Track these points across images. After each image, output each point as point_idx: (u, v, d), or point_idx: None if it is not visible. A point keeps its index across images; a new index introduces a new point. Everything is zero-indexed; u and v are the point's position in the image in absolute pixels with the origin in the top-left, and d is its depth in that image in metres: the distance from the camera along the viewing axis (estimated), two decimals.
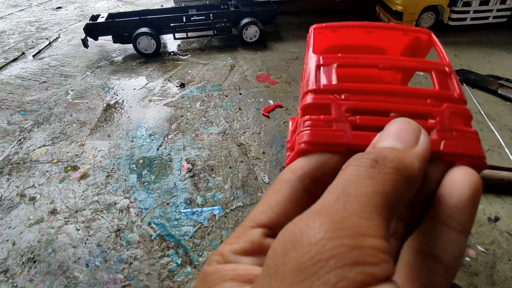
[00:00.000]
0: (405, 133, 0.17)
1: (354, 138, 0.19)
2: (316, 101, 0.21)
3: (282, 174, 0.19)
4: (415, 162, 0.15)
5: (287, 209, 0.17)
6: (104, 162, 0.98)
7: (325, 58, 0.23)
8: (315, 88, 0.21)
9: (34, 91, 1.37)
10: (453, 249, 0.16)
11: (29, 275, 0.70)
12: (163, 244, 0.75)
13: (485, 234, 0.75)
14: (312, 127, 0.19)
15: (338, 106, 0.20)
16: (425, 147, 0.16)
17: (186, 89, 1.33)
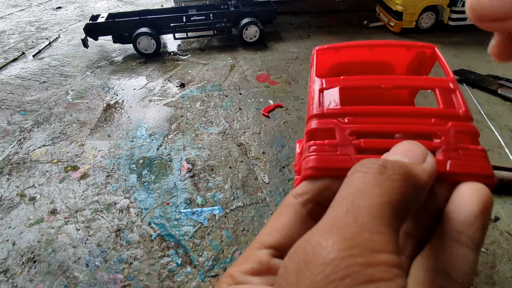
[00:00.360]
0: (412, 152, 0.17)
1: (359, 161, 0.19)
2: (320, 126, 0.21)
3: (286, 199, 0.19)
4: (423, 175, 0.15)
5: (292, 231, 0.18)
6: (104, 162, 0.98)
7: (328, 82, 0.23)
8: (318, 113, 0.22)
9: (34, 91, 1.37)
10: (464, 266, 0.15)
11: (29, 275, 0.70)
12: (163, 244, 0.75)
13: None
14: (317, 152, 0.20)
15: (341, 130, 0.20)
16: (432, 165, 0.16)
17: (186, 89, 1.33)
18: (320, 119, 0.21)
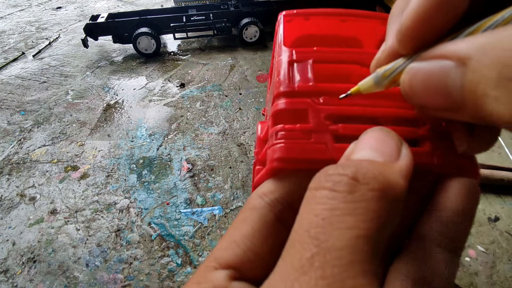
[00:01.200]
0: (385, 144, 0.14)
1: (336, 152, 0.16)
2: (290, 106, 0.18)
3: (250, 200, 0.16)
4: (400, 180, 0.13)
5: (255, 243, 0.15)
6: (104, 162, 0.98)
7: (299, 53, 0.20)
8: (288, 90, 0.18)
9: (34, 91, 1.37)
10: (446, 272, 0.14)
11: (29, 275, 0.70)
12: (163, 244, 0.75)
13: (485, 234, 0.75)
14: (287, 139, 0.17)
15: (316, 112, 0.17)
16: (408, 161, 0.14)
17: (186, 89, 1.33)
18: (290, 97, 0.18)
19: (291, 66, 0.20)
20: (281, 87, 0.19)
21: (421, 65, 0.13)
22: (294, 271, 0.11)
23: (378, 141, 0.14)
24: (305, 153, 0.16)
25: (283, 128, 0.17)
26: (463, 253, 0.72)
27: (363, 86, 0.16)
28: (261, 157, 0.19)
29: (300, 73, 0.19)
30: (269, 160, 0.17)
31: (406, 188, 0.13)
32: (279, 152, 0.16)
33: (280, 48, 0.21)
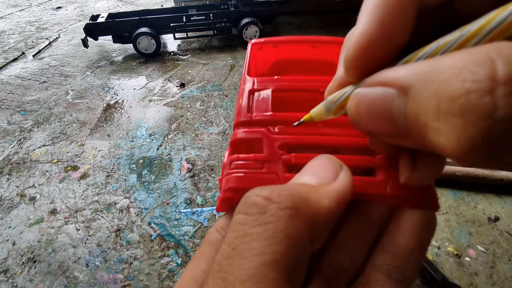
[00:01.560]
0: (323, 169, 0.14)
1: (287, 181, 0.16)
2: (247, 136, 0.18)
3: (208, 234, 0.16)
4: (323, 200, 0.13)
5: None
6: (104, 162, 0.98)
7: (260, 82, 0.20)
8: (246, 120, 0.19)
9: (34, 91, 1.37)
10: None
11: (29, 275, 0.70)
12: (163, 244, 0.75)
13: (484, 234, 0.75)
14: (240, 169, 0.17)
15: (270, 142, 0.18)
16: (343, 184, 0.14)
17: (186, 89, 1.33)
18: (247, 127, 0.18)
19: (251, 95, 0.20)
20: (240, 117, 0.19)
21: (366, 91, 0.12)
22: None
23: (317, 166, 0.15)
24: (256, 183, 0.16)
25: (238, 157, 0.17)
26: (464, 253, 0.72)
27: (314, 113, 0.16)
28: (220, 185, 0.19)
29: (260, 102, 0.19)
30: (222, 190, 0.17)
31: (331, 209, 0.13)
32: (231, 183, 0.17)
33: (244, 77, 0.21)
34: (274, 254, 0.10)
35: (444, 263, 0.70)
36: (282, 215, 0.11)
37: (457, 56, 0.10)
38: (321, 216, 0.12)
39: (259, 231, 0.11)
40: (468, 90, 0.09)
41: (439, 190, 0.86)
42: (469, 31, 0.11)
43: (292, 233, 0.11)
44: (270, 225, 0.11)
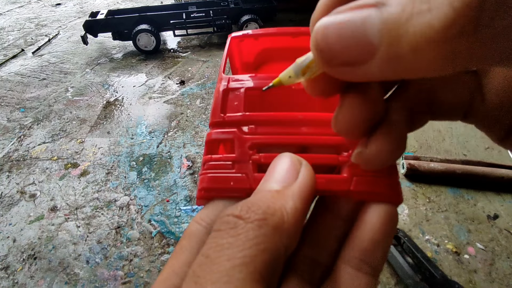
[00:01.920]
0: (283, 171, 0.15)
1: (256, 182, 0.17)
2: (219, 136, 0.19)
3: (188, 227, 0.17)
4: (288, 202, 0.14)
5: None
6: (104, 159, 0.98)
7: (234, 81, 0.21)
8: (219, 120, 0.19)
9: (34, 88, 1.37)
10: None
11: (30, 271, 0.70)
12: (163, 241, 0.75)
13: (484, 232, 0.76)
14: (212, 170, 0.18)
15: (241, 142, 0.18)
16: (304, 181, 0.15)
17: (186, 86, 1.33)
18: (220, 127, 0.19)
19: (225, 94, 0.20)
20: (214, 117, 0.20)
21: (336, 17, 0.12)
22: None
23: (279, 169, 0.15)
24: (227, 183, 0.17)
25: (211, 158, 0.18)
26: (463, 251, 0.72)
27: (283, 76, 0.17)
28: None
29: (233, 102, 0.20)
30: (198, 189, 0.18)
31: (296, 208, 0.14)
32: (205, 183, 0.18)
33: (220, 75, 0.22)
34: (244, 258, 0.11)
35: (443, 261, 0.70)
36: (251, 226, 0.12)
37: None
38: (288, 218, 0.13)
39: (230, 241, 0.12)
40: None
41: (438, 188, 0.86)
42: None
43: (261, 240, 0.12)
44: (240, 236, 0.12)
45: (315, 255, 0.17)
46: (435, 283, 0.57)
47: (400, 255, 0.66)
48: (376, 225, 0.16)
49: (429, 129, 1.07)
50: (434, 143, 1.01)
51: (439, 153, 0.97)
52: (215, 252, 0.12)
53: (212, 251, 0.12)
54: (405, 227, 0.77)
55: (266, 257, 0.12)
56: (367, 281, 0.15)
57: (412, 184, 0.87)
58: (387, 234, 0.16)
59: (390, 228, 0.16)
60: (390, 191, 0.17)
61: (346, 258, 0.16)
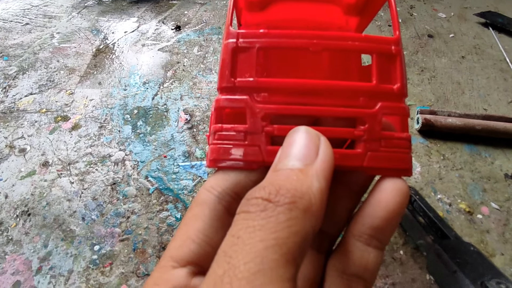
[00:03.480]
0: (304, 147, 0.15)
1: (268, 154, 0.17)
2: (229, 104, 0.18)
3: (199, 194, 0.17)
4: (314, 183, 0.14)
5: (209, 236, 0.15)
6: (96, 112, 0.91)
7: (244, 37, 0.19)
8: (229, 85, 0.18)
9: (17, 34, 1.25)
10: (374, 268, 0.16)
11: (24, 228, 0.68)
12: (161, 198, 0.72)
13: (500, 191, 0.71)
14: (222, 140, 0.17)
15: (253, 112, 0.18)
16: (325, 158, 0.15)
17: (182, 32, 1.21)
18: (230, 93, 0.18)
19: (235, 54, 0.19)
20: (223, 81, 0.19)
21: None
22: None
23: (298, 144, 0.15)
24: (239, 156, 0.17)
25: (221, 128, 0.18)
26: (476, 211, 0.68)
27: None
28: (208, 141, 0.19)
29: (243, 64, 0.19)
30: (207, 159, 0.18)
31: (321, 188, 0.14)
32: (215, 154, 0.17)
33: (227, 30, 0.20)
34: (277, 239, 0.12)
35: (455, 221, 0.67)
36: (282, 209, 0.12)
37: None
38: (316, 200, 0.13)
39: (262, 223, 0.12)
40: None
41: (454, 145, 0.80)
42: None
43: (292, 222, 0.12)
44: (271, 218, 0.12)
45: (324, 225, 0.18)
46: (448, 245, 0.54)
47: (411, 214, 0.62)
48: (389, 204, 0.16)
49: (447, 81, 0.98)
50: (452, 96, 0.93)
51: (457, 107, 0.90)
52: (247, 234, 0.12)
53: (243, 232, 0.12)
54: (416, 185, 0.72)
55: (297, 239, 0.12)
56: (376, 255, 0.16)
57: (426, 141, 0.81)
58: (398, 213, 0.16)
59: (402, 206, 0.16)
60: (403, 166, 0.17)
61: (356, 233, 0.16)
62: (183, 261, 0.14)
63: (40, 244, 0.65)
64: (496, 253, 0.62)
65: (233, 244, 0.12)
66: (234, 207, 0.16)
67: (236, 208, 0.16)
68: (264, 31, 0.19)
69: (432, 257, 0.55)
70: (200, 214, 0.16)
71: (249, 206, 0.13)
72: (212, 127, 0.18)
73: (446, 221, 0.66)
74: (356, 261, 0.16)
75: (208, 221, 0.16)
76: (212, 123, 0.19)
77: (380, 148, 0.17)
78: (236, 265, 0.11)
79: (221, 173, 0.17)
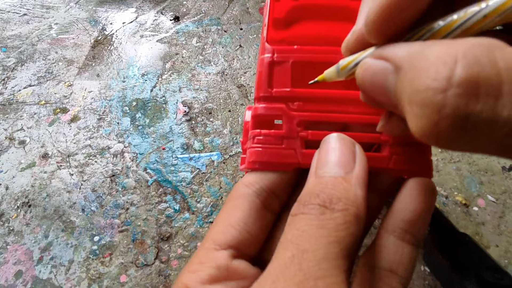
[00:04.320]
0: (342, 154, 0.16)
1: (303, 157, 0.18)
2: (267, 112, 0.20)
3: (238, 189, 0.18)
4: (358, 191, 0.15)
5: (248, 225, 0.17)
6: (95, 104, 0.91)
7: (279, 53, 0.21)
8: (266, 95, 0.20)
9: (15, 24, 1.24)
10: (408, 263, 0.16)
11: (25, 219, 0.69)
12: (160, 190, 0.73)
13: (497, 183, 0.72)
14: (262, 144, 0.19)
15: (289, 119, 0.19)
16: (363, 165, 0.16)
17: (180, 23, 1.20)
18: (267, 102, 0.20)
19: (271, 68, 0.21)
20: (260, 91, 0.20)
21: (371, 62, 0.14)
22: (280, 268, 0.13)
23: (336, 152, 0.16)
24: (276, 158, 0.19)
25: (260, 133, 0.19)
26: (472, 203, 0.69)
27: (327, 74, 0.18)
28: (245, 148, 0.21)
29: (279, 76, 0.20)
30: (247, 161, 0.19)
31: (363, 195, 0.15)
32: (254, 156, 0.19)
33: (263, 44, 0.22)
34: (337, 237, 0.13)
35: (451, 213, 0.67)
36: (338, 215, 0.14)
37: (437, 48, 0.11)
38: (361, 207, 0.15)
39: (323, 223, 0.14)
40: (427, 87, 0.10)
41: None
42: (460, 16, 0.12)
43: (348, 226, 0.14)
44: (330, 221, 0.14)
45: None
46: (444, 236, 0.55)
47: None
48: (419, 198, 0.17)
49: None
50: None
51: None
52: (311, 229, 0.14)
53: (308, 228, 0.14)
54: None
55: (351, 239, 0.14)
56: (410, 250, 0.16)
57: None
58: (429, 206, 0.17)
59: (432, 200, 0.17)
60: (424, 168, 0.18)
61: (390, 228, 0.17)
62: (224, 245, 0.16)
63: (41, 235, 0.66)
64: (491, 245, 0.63)
65: (299, 235, 0.14)
66: (269, 202, 0.18)
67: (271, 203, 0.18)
68: (297, 47, 0.21)
69: (429, 248, 0.55)
70: (240, 205, 0.17)
71: (308, 209, 0.14)
72: (250, 132, 0.20)
73: (442, 213, 0.67)
74: (390, 256, 0.16)
75: (247, 212, 0.17)
76: (250, 129, 0.20)
77: (403, 152, 0.18)
78: (305, 250, 0.13)
79: (258, 172, 0.19)
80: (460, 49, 0.10)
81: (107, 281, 0.60)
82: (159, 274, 0.62)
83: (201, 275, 0.15)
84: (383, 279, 0.16)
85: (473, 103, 0.09)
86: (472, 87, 0.09)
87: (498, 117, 0.09)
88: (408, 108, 0.11)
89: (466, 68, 0.09)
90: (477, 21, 0.11)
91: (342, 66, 0.16)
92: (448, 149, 0.11)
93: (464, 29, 0.12)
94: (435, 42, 0.11)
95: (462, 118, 0.10)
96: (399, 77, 0.12)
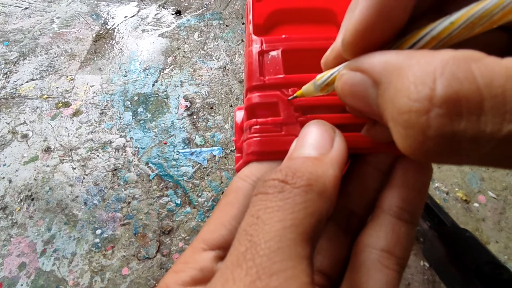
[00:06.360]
0: (320, 138, 0.16)
1: None
2: (262, 100, 0.19)
3: (233, 183, 0.17)
4: (329, 170, 0.14)
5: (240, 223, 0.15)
6: (97, 99, 0.92)
7: (268, 42, 0.20)
8: (259, 84, 0.19)
9: (16, 18, 1.24)
10: (406, 242, 0.16)
11: (28, 212, 0.69)
12: (162, 184, 0.73)
13: (498, 180, 0.72)
14: (260, 133, 0.18)
15: (286, 105, 0.19)
16: (340, 149, 0.15)
17: (182, 17, 1.20)
18: (261, 91, 0.19)
19: (261, 57, 0.20)
20: (252, 81, 0.19)
21: (349, 74, 0.14)
22: (232, 266, 0.12)
23: (314, 135, 0.16)
24: (277, 145, 0.18)
25: (256, 122, 0.18)
26: (473, 199, 0.69)
27: (305, 90, 0.17)
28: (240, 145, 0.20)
29: (270, 65, 0.20)
30: (245, 153, 0.18)
31: (336, 175, 0.14)
32: (254, 146, 0.18)
33: (250, 37, 0.21)
34: (293, 220, 0.12)
35: (451, 209, 0.68)
36: (298, 191, 0.13)
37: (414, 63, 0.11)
38: (330, 185, 0.14)
39: (279, 204, 0.13)
40: (409, 109, 0.10)
41: None
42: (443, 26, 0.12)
43: (308, 204, 0.13)
44: (288, 200, 0.13)
45: (352, 205, 0.18)
46: (444, 231, 0.55)
47: None
48: (414, 173, 0.16)
49: None
50: None
51: None
52: (266, 214, 0.13)
53: (262, 213, 0.13)
54: None
55: (312, 220, 0.13)
56: (407, 229, 0.16)
57: None
58: (424, 182, 0.16)
59: (427, 175, 0.17)
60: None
61: (386, 207, 0.17)
62: (213, 245, 0.15)
63: (44, 228, 0.67)
64: (491, 241, 0.63)
65: (253, 224, 0.12)
66: None
67: None
68: (285, 36, 0.21)
69: (429, 243, 0.56)
70: (234, 201, 0.16)
71: (266, 188, 0.13)
72: (245, 123, 0.19)
73: (442, 208, 0.67)
74: (387, 235, 0.16)
75: (242, 208, 0.16)
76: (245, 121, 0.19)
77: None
78: (257, 243, 0.12)
79: (255, 163, 0.18)
80: (438, 64, 0.10)
81: (109, 273, 0.60)
82: (160, 267, 0.62)
83: (183, 276, 0.14)
84: (380, 261, 0.15)
85: (456, 122, 0.10)
86: (454, 106, 0.09)
87: (482, 133, 0.09)
88: (392, 126, 0.11)
89: (445, 87, 0.09)
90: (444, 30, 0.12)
91: (318, 78, 0.16)
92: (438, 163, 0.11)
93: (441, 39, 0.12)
94: (411, 54, 0.11)
95: (448, 137, 0.10)
96: (380, 92, 0.12)
